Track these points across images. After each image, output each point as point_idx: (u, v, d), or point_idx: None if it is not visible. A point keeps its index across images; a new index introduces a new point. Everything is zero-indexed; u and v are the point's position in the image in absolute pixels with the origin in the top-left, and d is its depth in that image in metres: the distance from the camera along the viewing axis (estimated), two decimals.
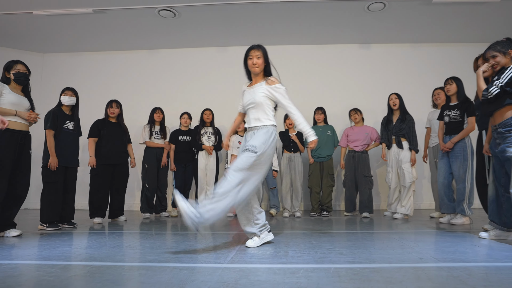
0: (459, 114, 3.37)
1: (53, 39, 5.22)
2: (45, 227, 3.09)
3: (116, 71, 5.61)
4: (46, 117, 3.23)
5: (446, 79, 3.53)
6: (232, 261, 1.81)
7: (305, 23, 4.81)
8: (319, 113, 4.37)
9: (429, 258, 1.87)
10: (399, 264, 1.74)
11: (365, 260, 1.82)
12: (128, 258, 1.91)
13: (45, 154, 3.18)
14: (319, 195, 4.23)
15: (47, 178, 3.14)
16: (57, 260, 1.86)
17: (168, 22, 4.69)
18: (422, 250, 2.07)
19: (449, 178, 3.45)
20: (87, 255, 1.97)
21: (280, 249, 2.14)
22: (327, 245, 2.27)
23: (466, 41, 5.30)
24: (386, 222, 3.60)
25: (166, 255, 1.96)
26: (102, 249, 2.16)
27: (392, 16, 4.57)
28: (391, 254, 1.98)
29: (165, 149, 4.38)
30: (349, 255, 1.96)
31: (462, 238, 2.50)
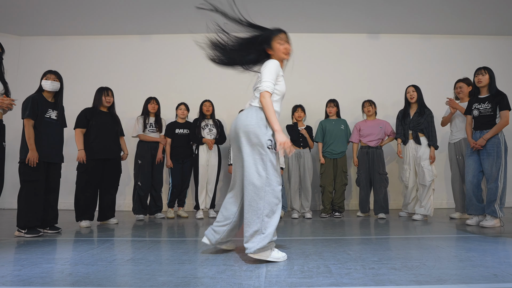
0: (490, 108, 3.10)
1: (32, 21, 4.63)
2: (23, 233, 2.59)
3: (103, 57, 5.06)
4: (24, 104, 2.70)
5: (477, 69, 3.24)
6: (270, 283, 1.42)
7: (312, 10, 4.43)
8: (331, 106, 4.01)
9: (504, 275, 1.54)
10: (478, 285, 1.40)
11: (431, 279, 1.47)
12: (135, 280, 1.48)
13: (22, 147, 2.66)
14: (332, 195, 3.89)
15: (26, 176, 2.63)
16: (40, 284, 1.41)
17: (165, 2, 4.21)
18: (486, 263, 1.74)
19: (478, 176, 3.17)
20: (79, 276, 1.53)
21: (316, 262, 1.77)
22: (369, 256, 1.92)
23: (482, 33, 5.07)
24: (407, 224, 3.29)
25: (181, 275, 1.55)
26: (97, 265, 1.72)
27: (407, 2, 4.25)
28: (455, 269, 1.64)
29: (161, 143, 3.92)
30: (405, 270, 1.61)
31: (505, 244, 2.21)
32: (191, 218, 3.90)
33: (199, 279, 1.48)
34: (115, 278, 1.51)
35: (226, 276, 1.53)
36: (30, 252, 2.03)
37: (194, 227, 3.22)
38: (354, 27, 4.91)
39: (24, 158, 2.62)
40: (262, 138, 1.77)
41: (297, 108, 4.00)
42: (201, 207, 3.87)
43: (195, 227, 3.22)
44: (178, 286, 1.38)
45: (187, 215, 4.02)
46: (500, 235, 2.61)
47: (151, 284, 1.41)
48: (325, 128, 3.94)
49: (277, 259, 1.77)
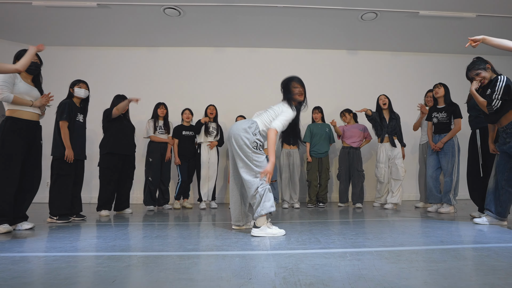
0: (446, 116, 3.52)
1: (52, 32, 4.81)
2: (55, 219, 2.82)
3: (117, 66, 5.28)
4: (60, 108, 2.94)
5: (435, 84, 3.67)
6: (274, 248, 1.74)
7: (301, 29, 4.81)
8: (316, 112, 4.38)
9: (449, 241, 1.91)
10: (429, 246, 1.76)
11: (395, 244, 1.83)
12: (169, 247, 1.77)
13: (56, 146, 2.90)
14: (317, 188, 4.25)
15: (61, 170, 2.86)
16: (105, 251, 1.69)
17: (172, 20, 4.49)
18: (436, 235, 2.12)
19: (437, 172, 3.60)
20: (124, 246, 1.81)
21: (308, 235, 2.10)
22: (349, 232, 2.26)
23: (446, 52, 5.56)
24: (380, 211, 3.68)
25: (204, 244, 1.85)
26: (133, 239, 2.00)
27: (382, 26, 4.69)
28: (414, 238, 2.01)
29: (169, 144, 4.20)
30: (376, 240, 1.96)
31: (461, 224, 2.60)
32: (195, 209, 4.18)
33: (220, 247, 1.78)
34: (155, 246, 1.80)
35: (240, 244, 1.84)
36: (71, 232, 2.28)
37: (197, 215, 3.50)
38: (335, 44, 5.32)
39: (59, 155, 2.85)
40: (248, 140, 2.14)
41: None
42: (203, 199, 4.16)
43: (198, 216, 3.51)
44: (205, 251, 1.68)
45: (191, 206, 4.29)
46: (454, 219, 3.02)
47: (183, 250, 1.70)
48: (312, 131, 4.30)
49: (276, 233, 2.10)
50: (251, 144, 2.14)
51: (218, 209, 4.12)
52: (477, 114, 3.04)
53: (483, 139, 3.01)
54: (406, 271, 1.28)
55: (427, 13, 4.30)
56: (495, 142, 2.71)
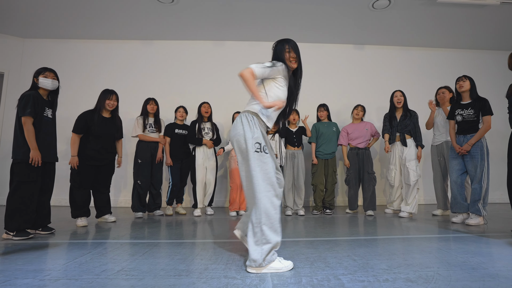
0: (473, 113, 2.83)
1: (35, 23, 4.13)
2: (11, 235, 2.16)
3: (104, 60, 4.59)
4: (22, 102, 2.23)
5: (458, 77, 2.97)
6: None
7: (305, 21, 4.11)
8: (322, 110, 3.69)
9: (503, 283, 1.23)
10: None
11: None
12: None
13: (17, 147, 2.21)
14: (323, 193, 3.56)
15: (23, 176, 2.17)
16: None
17: (166, 9, 3.79)
18: (498, 271, 1.44)
19: (462, 177, 2.91)
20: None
21: (324, 271, 1.42)
22: (376, 262, 1.59)
23: (465, 47, 4.84)
24: (396, 221, 2.99)
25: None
26: (82, 279, 1.32)
27: (395, 16, 3.98)
28: (472, 280, 1.33)
29: (160, 143, 3.51)
30: (422, 282, 1.28)
31: (500, 246, 1.92)
32: (189, 215, 3.51)
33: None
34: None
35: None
36: (10, 262, 1.61)
37: (192, 224, 2.84)
38: (342, 38, 4.62)
39: (21, 158, 2.18)
40: (248, 144, 1.49)
41: (292, 111, 3.65)
42: (199, 205, 3.49)
43: (193, 224, 2.84)
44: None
45: (185, 212, 3.62)
46: (484, 232, 2.35)
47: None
48: (318, 130, 3.62)
49: (281, 269, 1.43)
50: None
51: (214, 216, 3.45)
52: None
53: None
54: None
55: (446, 0, 3.59)
56: None
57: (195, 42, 4.67)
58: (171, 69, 4.62)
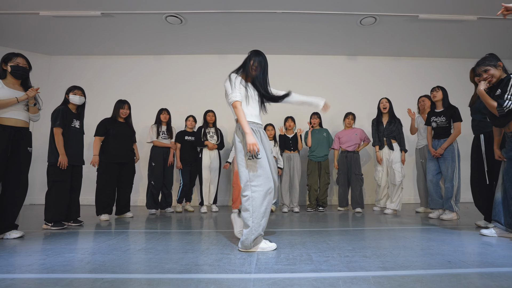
0: (445, 120, 3.14)
1: (60, 42, 4.63)
2: (49, 226, 2.58)
3: (122, 74, 5.07)
4: (54, 115, 2.69)
5: (432, 88, 3.29)
6: (259, 270, 1.43)
7: (301, 35, 4.48)
8: (314, 118, 4.04)
9: (457, 261, 1.56)
10: (434, 271, 1.41)
11: (396, 266, 1.49)
12: (144, 267, 1.49)
13: (51, 152, 2.66)
14: (317, 192, 3.90)
15: (55, 177, 2.61)
16: (62, 272, 1.41)
17: (175, 28, 4.23)
18: (442, 252, 1.76)
19: (437, 177, 3.21)
20: (96, 264, 1.53)
21: (300, 251, 1.78)
22: (345, 245, 1.93)
23: (447, 56, 5.13)
24: (380, 217, 3.31)
25: (184, 263, 1.55)
26: (112, 254, 1.72)
27: (381, 31, 4.31)
28: (416, 257, 1.66)
29: (172, 148, 3.93)
30: (375, 258, 1.62)
31: (467, 236, 2.22)
32: (197, 212, 3.90)
33: (199, 266, 1.48)
34: (127, 265, 1.51)
35: (223, 263, 1.54)
36: (55, 243, 2.03)
37: (199, 219, 3.22)
38: (335, 50, 4.96)
39: (54, 161, 2.61)
40: (238, 147, 1.87)
41: (288, 118, 4.05)
42: (205, 203, 3.88)
43: (200, 219, 3.22)
44: (181, 272, 1.39)
45: (193, 210, 4.01)
46: (457, 227, 2.64)
47: (158, 271, 1.41)
48: (311, 135, 3.98)
49: (266, 248, 1.79)
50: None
51: (219, 212, 3.83)
52: (482, 118, 2.65)
53: (488, 144, 2.61)
54: None
55: (426, 17, 3.91)
56: (501, 148, 2.32)
57: (202, 56, 5.10)
58: (181, 81, 5.05)
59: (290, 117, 4.07)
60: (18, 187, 2.20)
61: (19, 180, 2.20)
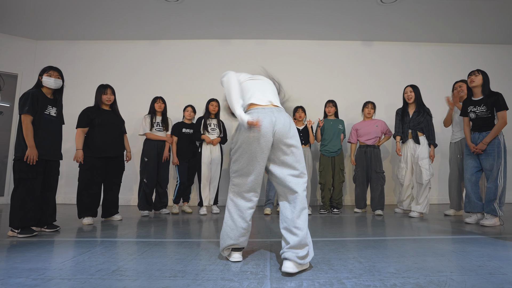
0: (486, 110, 2.65)
1: (47, 25, 4.17)
2: (16, 233, 2.14)
3: (114, 61, 4.60)
4: (22, 99, 2.23)
5: (470, 71, 2.79)
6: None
7: (312, 17, 3.98)
8: (330, 106, 3.56)
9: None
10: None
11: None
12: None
13: (18, 144, 2.20)
14: (331, 192, 3.44)
15: (22, 173, 2.16)
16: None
17: (171, 8, 3.75)
18: (495, 270, 1.30)
19: (477, 175, 2.73)
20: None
21: (327, 274, 1.32)
22: (383, 265, 1.47)
23: (466, 42, 4.62)
24: (405, 221, 2.84)
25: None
26: (74, 279, 1.27)
27: (404, 11, 3.80)
28: (488, 284, 1.20)
29: (167, 142, 3.47)
30: (429, 287, 1.17)
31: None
32: (195, 214, 3.45)
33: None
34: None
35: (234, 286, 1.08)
36: (8, 260, 1.58)
37: (197, 223, 2.77)
38: (350, 35, 4.46)
39: (20, 155, 2.16)
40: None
41: (298, 108, 3.54)
42: (204, 203, 3.42)
43: (199, 223, 2.78)
44: None
45: (191, 211, 3.56)
46: (500, 234, 2.18)
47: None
48: (322, 127, 3.50)
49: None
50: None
51: (220, 214, 3.38)
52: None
53: None
54: None
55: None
56: None
57: (201, 41, 4.62)
58: (178, 68, 4.58)
59: (300, 107, 3.58)
60: None
61: None
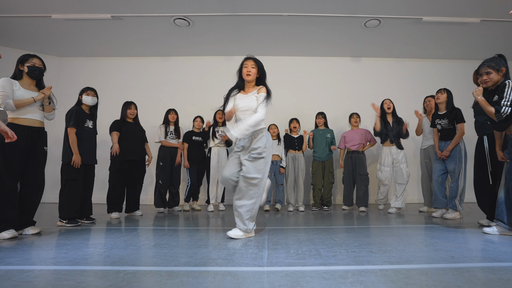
0: (449, 122, 3.19)
1: (70, 44, 4.73)
2: (64, 223, 2.67)
3: (130, 76, 5.17)
4: (68, 115, 2.80)
5: (438, 90, 3.34)
6: (271, 263, 1.50)
7: (306, 36, 4.55)
8: (319, 117, 4.11)
9: (460, 257, 1.62)
10: (438, 265, 1.48)
11: (402, 260, 1.55)
12: (161, 261, 1.56)
13: (65, 151, 2.76)
14: (321, 191, 3.97)
15: (69, 175, 2.71)
16: (85, 264, 1.49)
17: (182, 30, 4.32)
18: (445, 248, 1.82)
19: (443, 177, 3.26)
20: (115, 258, 1.61)
21: (308, 246, 1.85)
22: (351, 242, 2.00)
23: (450, 58, 5.19)
24: (384, 216, 3.37)
25: (199, 257, 1.63)
26: (128, 249, 1.80)
27: (385, 33, 4.37)
28: (421, 252, 1.72)
29: (179, 148, 4.02)
30: (381, 253, 1.69)
31: (470, 233, 2.28)
32: (203, 211, 3.97)
33: (214, 260, 1.56)
34: (145, 259, 1.59)
35: (236, 257, 1.61)
36: (73, 239, 2.11)
37: (206, 218, 3.29)
38: (339, 51, 5.03)
39: (68, 161, 2.71)
40: None
41: (293, 120, 4.11)
42: (211, 201, 3.96)
43: (207, 218, 3.30)
44: (198, 265, 1.46)
45: (200, 208, 4.09)
46: (460, 226, 2.70)
47: (175, 264, 1.49)
48: (313, 137, 4.05)
49: None
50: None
51: (226, 211, 3.91)
52: (484, 120, 2.70)
53: (491, 145, 2.66)
54: None
55: (430, 19, 3.96)
56: (503, 149, 2.37)
57: (208, 58, 5.19)
58: (187, 82, 5.14)
59: (295, 119, 4.13)
60: (36, 186, 2.28)
61: (37, 179, 2.29)
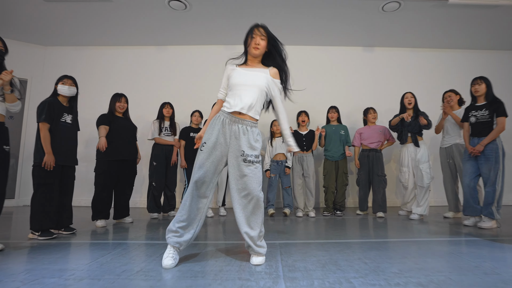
0: (488, 114, 2.77)
1: (55, 31, 4.28)
2: (36, 235, 2.25)
3: (122, 66, 4.72)
4: (39, 108, 2.34)
5: (473, 79, 2.92)
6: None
7: (315, 24, 4.10)
8: (332, 112, 3.68)
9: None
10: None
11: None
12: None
13: (37, 151, 2.31)
14: (334, 194, 3.55)
15: (40, 179, 2.28)
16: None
17: (178, 15, 3.87)
18: (492, 270, 1.41)
19: (475, 180, 2.85)
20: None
21: (335, 274, 1.43)
22: (387, 265, 1.58)
23: (464, 48, 4.75)
24: (406, 223, 2.95)
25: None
26: (104, 279, 1.38)
27: (405, 18, 3.92)
28: (485, 285, 1.31)
29: (175, 146, 3.59)
30: (429, 286, 1.28)
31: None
32: None
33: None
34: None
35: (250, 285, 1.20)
36: (39, 260, 1.69)
37: (204, 227, 2.88)
38: (351, 41, 4.59)
39: (39, 162, 2.28)
40: None
41: (301, 113, 3.67)
42: (211, 205, 3.54)
43: (205, 226, 2.88)
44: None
45: None
46: (497, 236, 2.30)
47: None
48: (325, 133, 3.61)
49: None
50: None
51: (227, 216, 3.49)
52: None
53: None
54: None
55: (457, 1, 3.52)
56: None
57: (207, 47, 4.74)
58: (185, 73, 4.70)
59: (303, 112, 3.69)
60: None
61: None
